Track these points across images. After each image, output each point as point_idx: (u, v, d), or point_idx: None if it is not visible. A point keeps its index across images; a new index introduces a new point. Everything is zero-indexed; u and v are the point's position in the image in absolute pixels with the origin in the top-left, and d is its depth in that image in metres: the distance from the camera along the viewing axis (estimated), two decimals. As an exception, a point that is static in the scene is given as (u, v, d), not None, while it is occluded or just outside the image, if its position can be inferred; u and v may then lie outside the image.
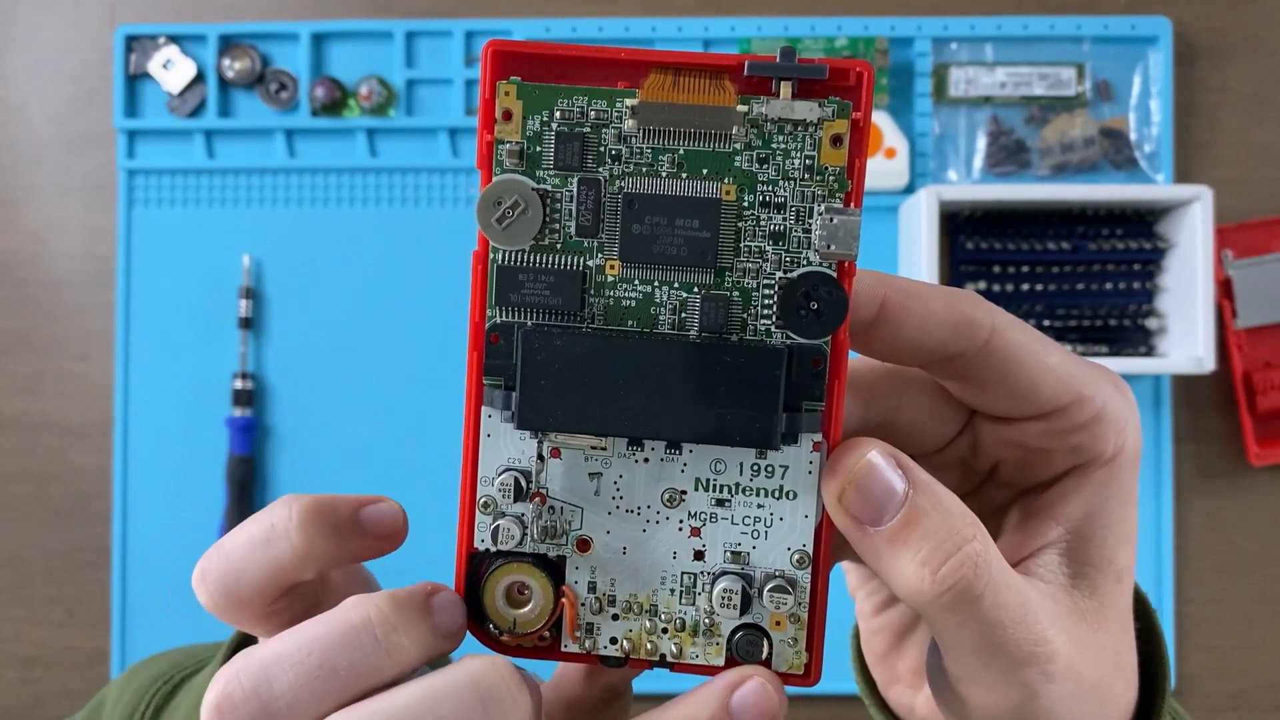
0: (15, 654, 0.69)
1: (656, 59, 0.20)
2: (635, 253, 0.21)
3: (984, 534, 0.20)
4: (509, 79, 0.20)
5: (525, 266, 0.21)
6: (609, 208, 0.21)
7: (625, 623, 0.23)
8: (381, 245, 0.69)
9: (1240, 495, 0.68)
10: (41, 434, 0.69)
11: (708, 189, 0.20)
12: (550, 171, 0.21)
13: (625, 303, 0.21)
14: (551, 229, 0.21)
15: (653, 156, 0.20)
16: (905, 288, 0.22)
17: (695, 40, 0.68)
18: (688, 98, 0.20)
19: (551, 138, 0.20)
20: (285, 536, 0.22)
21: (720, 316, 0.21)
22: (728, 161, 0.20)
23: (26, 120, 0.70)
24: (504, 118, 0.20)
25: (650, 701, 0.24)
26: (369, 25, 0.69)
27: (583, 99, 0.20)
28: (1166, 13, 0.68)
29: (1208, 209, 0.62)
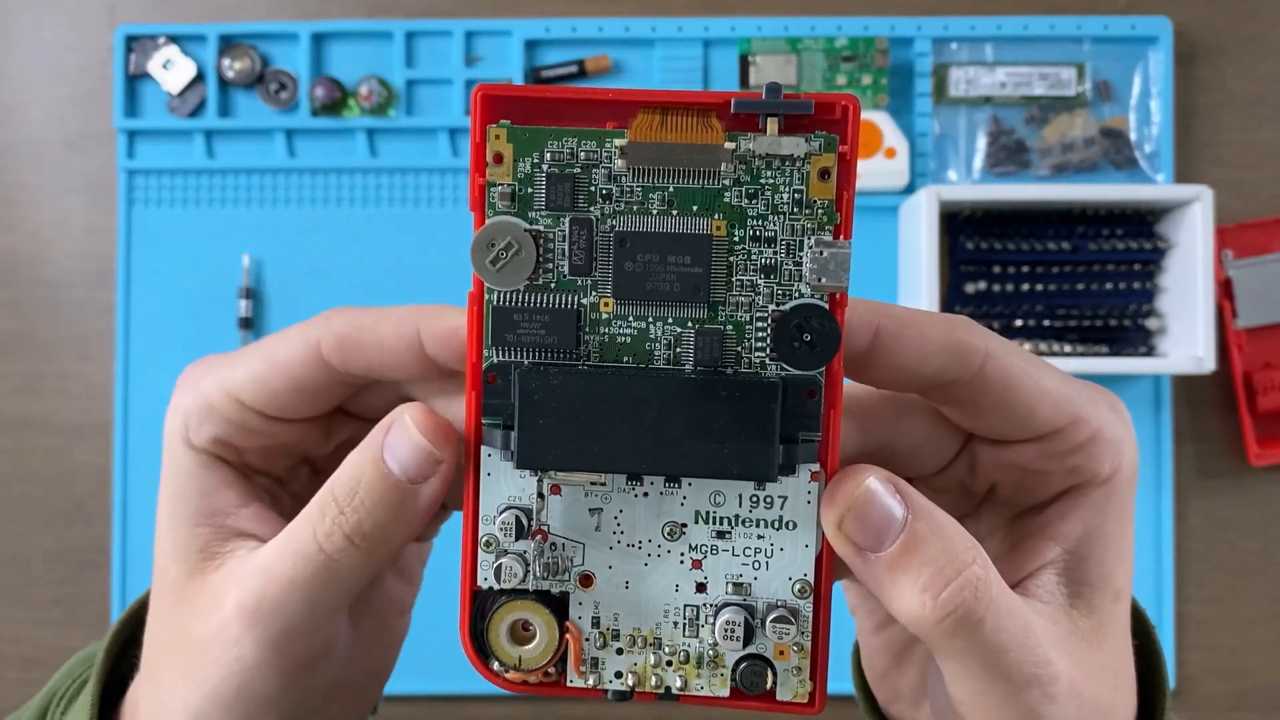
0: (15, 654, 0.69)
1: (644, 99, 0.20)
2: (628, 290, 0.21)
3: (984, 557, 0.21)
4: (499, 123, 0.21)
5: (520, 306, 0.21)
6: (601, 246, 0.21)
7: (630, 656, 0.23)
8: (382, 245, 0.69)
9: (1240, 495, 0.68)
10: (41, 434, 0.69)
11: (698, 225, 0.21)
12: (542, 212, 0.21)
13: (620, 339, 0.21)
14: (545, 268, 0.21)
15: (643, 195, 0.21)
16: (899, 316, 0.22)
17: (695, 40, 0.68)
18: (676, 136, 0.20)
19: (543, 179, 0.21)
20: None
21: (714, 350, 0.21)
22: (717, 197, 0.21)
23: (26, 120, 0.70)
24: (495, 161, 0.21)
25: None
26: (369, 25, 0.69)
27: (572, 140, 0.21)
28: (1167, 13, 0.68)
29: (1208, 209, 0.62)
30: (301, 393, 0.24)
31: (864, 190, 0.67)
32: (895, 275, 0.68)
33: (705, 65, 0.68)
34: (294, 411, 0.24)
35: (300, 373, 0.24)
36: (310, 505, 0.23)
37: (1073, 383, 0.23)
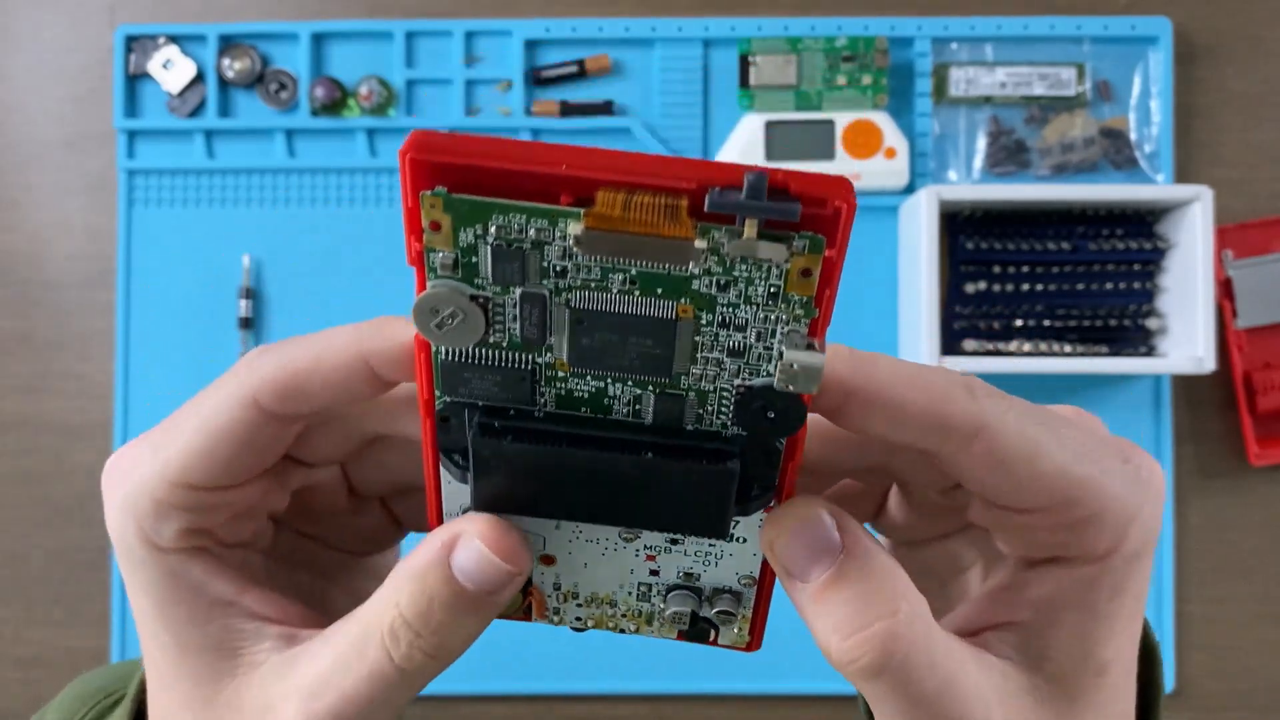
0: (15, 654, 0.69)
1: (603, 177, 0.17)
2: (586, 362, 0.20)
3: (914, 607, 0.20)
4: (433, 190, 0.18)
5: (470, 364, 0.20)
6: (556, 317, 0.19)
7: (588, 609, 0.24)
8: (381, 245, 0.69)
9: (1240, 495, 0.68)
10: (41, 434, 0.69)
11: (662, 308, 0.19)
12: (489, 283, 0.19)
13: (578, 393, 0.20)
14: (495, 330, 0.20)
15: (602, 274, 0.19)
16: (878, 381, 0.20)
17: (695, 40, 0.68)
18: (639, 227, 0.18)
19: (488, 253, 0.18)
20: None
21: (674, 412, 0.20)
22: (684, 284, 0.19)
23: (26, 120, 0.70)
24: (432, 228, 0.18)
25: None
26: (369, 25, 0.69)
27: (520, 216, 0.18)
28: (1166, 13, 0.68)
29: (1208, 209, 0.62)
30: (251, 452, 0.22)
31: (864, 190, 0.67)
32: (895, 275, 0.68)
33: (705, 65, 0.68)
34: (248, 473, 0.23)
35: (244, 434, 0.22)
36: (370, 617, 0.22)
37: (1082, 455, 0.21)
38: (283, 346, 0.22)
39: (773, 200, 0.17)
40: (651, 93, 0.69)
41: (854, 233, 0.70)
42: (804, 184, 0.17)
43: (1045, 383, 0.67)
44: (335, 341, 0.21)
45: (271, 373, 0.21)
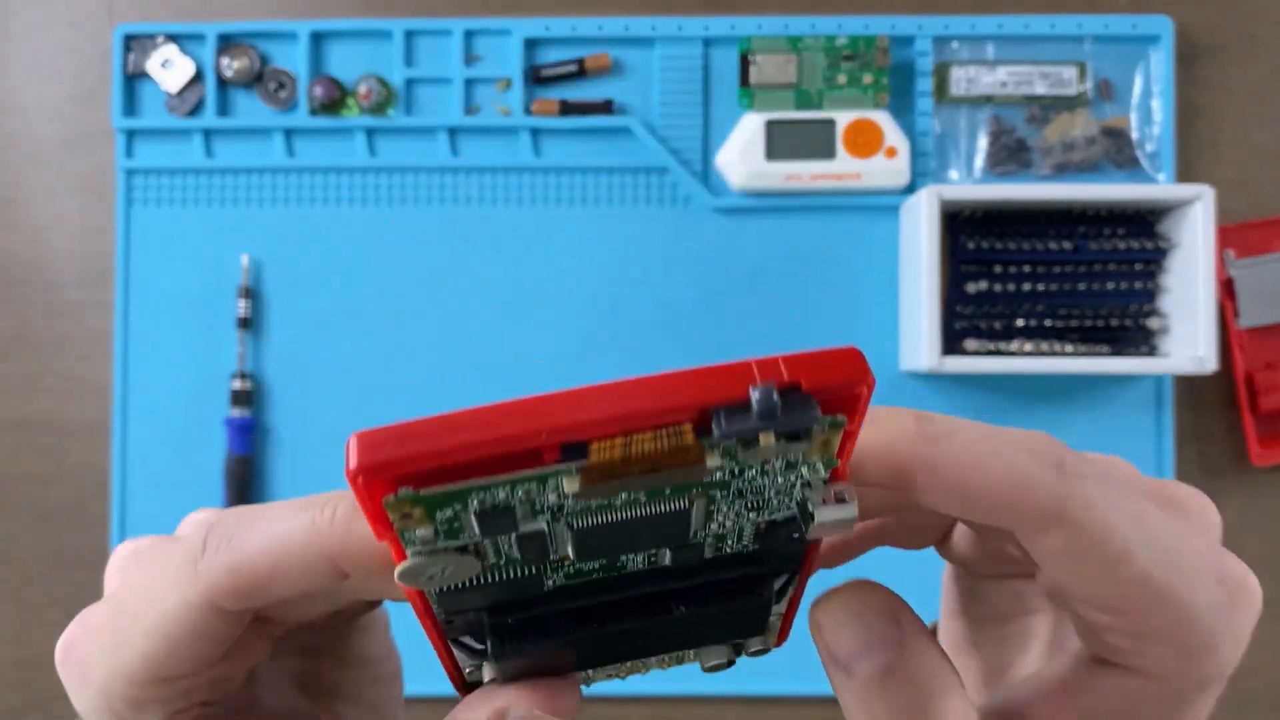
0: (14, 655, 0.69)
1: (592, 432, 0.15)
2: (593, 556, 0.18)
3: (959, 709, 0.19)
4: (397, 495, 0.15)
5: (470, 587, 0.18)
6: (558, 536, 0.17)
7: (618, 670, 0.23)
8: (380, 245, 0.68)
9: (1242, 495, 0.68)
10: (39, 434, 0.69)
11: (672, 505, 0.17)
12: (478, 536, 0.17)
13: (587, 569, 0.19)
14: (492, 559, 0.18)
15: (605, 501, 0.17)
16: (950, 461, 0.18)
17: (695, 39, 0.68)
18: (643, 467, 0.16)
19: (472, 520, 0.16)
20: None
21: (694, 556, 0.19)
22: (695, 484, 0.17)
23: (24, 120, 0.70)
24: (402, 518, 0.16)
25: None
26: (368, 24, 0.69)
27: (504, 488, 0.16)
28: (1168, 12, 0.68)
29: (1209, 208, 0.62)
30: (216, 643, 0.21)
31: (865, 190, 0.67)
32: (896, 275, 0.67)
33: (705, 64, 0.68)
34: (219, 655, 0.21)
35: (204, 631, 0.20)
36: None
37: (1175, 560, 0.18)
38: (235, 538, 0.20)
39: (788, 412, 0.15)
40: (651, 92, 0.68)
41: (854, 233, 0.70)
42: (815, 374, 0.15)
43: (1046, 383, 0.67)
44: (294, 541, 0.19)
45: (226, 577, 0.20)
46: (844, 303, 0.68)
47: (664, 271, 0.68)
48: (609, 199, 0.68)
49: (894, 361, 0.67)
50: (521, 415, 0.15)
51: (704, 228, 0.68)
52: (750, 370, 0.15)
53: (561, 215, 0.68)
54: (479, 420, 0.15)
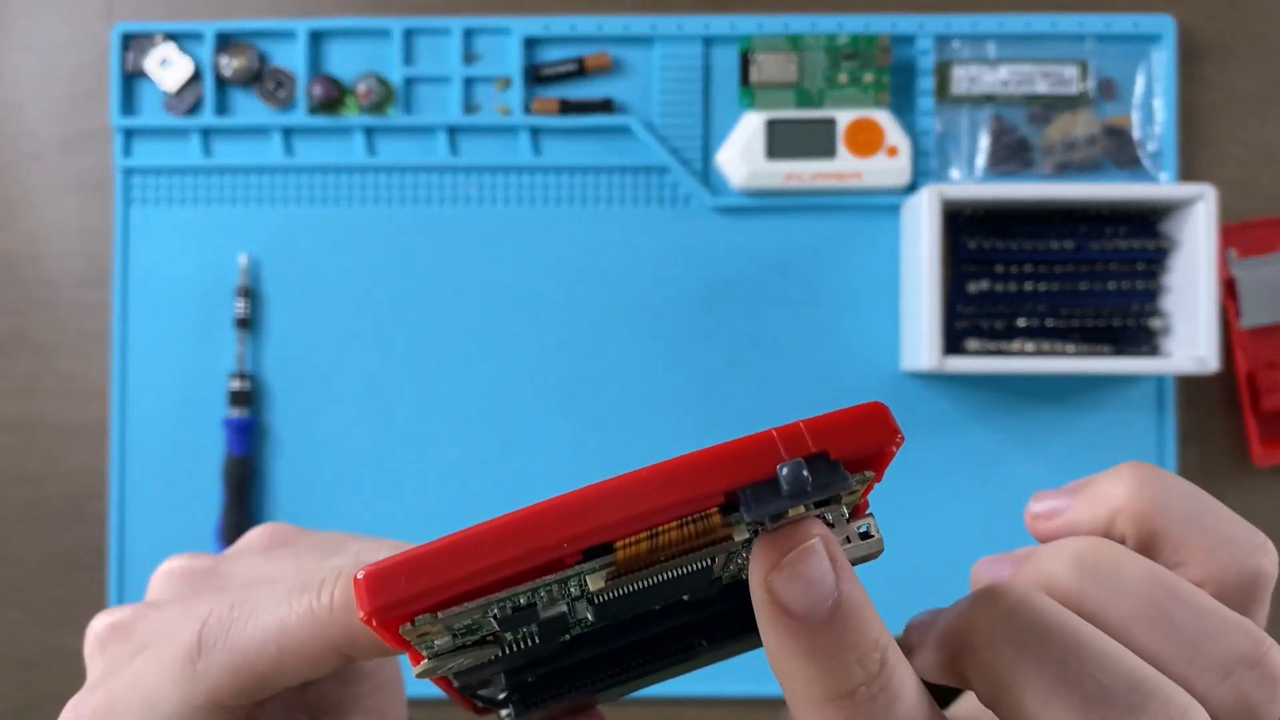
0: (12, 656, 0.68)
1: (619, 533, 0.14)
2: (614, 616, 0.18)
3: (895, 649, 0.17)
4: (414, 622, 0.15)
5: (489, 664, 0.18)
6: (578, 610, 0.17)
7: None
8: (379, 244, 0.68)
9: (1244, 496, 0.68)
10: (37, 435, 0.69)
11: (695, 564, 0.16)
12: (498, 629, 0.16)
13: (607, 618, 0.18)
14: (510, 638, 0.17)
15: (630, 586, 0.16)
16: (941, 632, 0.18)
17: (695, 38, 0.68)
18: (669, 551, 0.15)
19: (493, 623, 0.16)
20: None
21: (712, 591, 0.19)
22: (721, 551, 0.16)
23: (22, 119, 0.70)
24: (420, 638, 0.15)
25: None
26: (367, 23, 0.68)
27: (525, 595, 0.15)
28: (1170, 10, 0.68)
29: (1211, 208, 0.61)
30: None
31: (865, 189, 0.67)
32: (896, 275, 0.67)
33: (706, 62, 0.68)
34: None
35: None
36: None
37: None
38: (232, 634, 0.19)
39: (818, 487, 0.14)
40: (651, 90, 0.68)
41: (855, 233, 0.69)
42: (843, 440, 0.15)
43: (1048, 383, 0.67)
44: (295, 633, 0.19)
45: (227, 677, 0.19)
46: (844, 302, 0.67)
47: (664, 271, 0.68)
48: (609, 198, 0.68)
49: (894, 361, 0.67)
50: (539, 528, 0.14)
51: (704, 227, 0.68)
52: (774, 444, 0.15)
53: (561, 214, 0.68)
54: (493, 541, 0.14)
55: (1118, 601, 0.18)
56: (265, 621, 0.19)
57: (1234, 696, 0.17)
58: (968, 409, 0.67)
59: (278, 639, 0.19)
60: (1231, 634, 0.17)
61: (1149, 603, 0.18)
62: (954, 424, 0.67)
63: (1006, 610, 0.17)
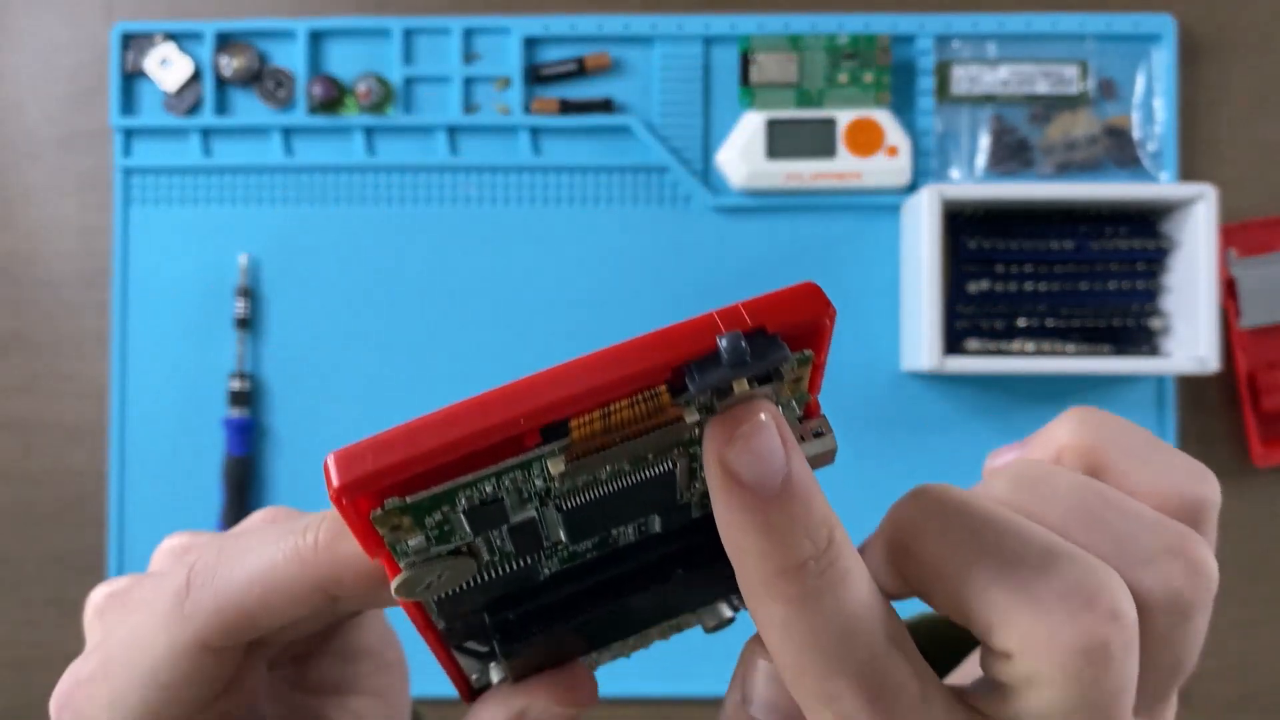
0: (11, 656, 0.68)
1: (573, 409, 0.15)
2: (586, 535, 0.18)
3: (839, 542, 0.17)
4: (384, 507, 0.15)
5: (468, 590, 0.18)
6: (549, 520, 0.17)
7: (621, 648, 0.23)
8: (379, 244, 0.68)
9: (1244, 496, 0.68)
10: (36, 435, 0.69)
11: (657, 467, 0.17)
12: (469, 535, 0.17)
13: (581, 549, 0.19)
14: (487, 556, 0.18)
15: (590, 476, 0.17)
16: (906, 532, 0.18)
17: (695, 38, 0.68)
18: (624, 432, 0.16)
19: (462, 519, 0.16)
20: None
21: (682, 516, 0.19)
22: (675, 443, 0.17)
23: (22, 118, 0.70)
24: (392, 530, 0.16)
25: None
26: (367, 23, 0.68)
27: (490, 481, 0.16)
28: (1170, 10, 0.68)
29: (1212, 208, 0.61)
30: (213, 682, 0.21)
31: (866, 189, 0.67)
32: (897, 275, 0.67)
33: (706, 62, 0.68)
34: (217, 691, 0.21)
35: (199, 674, 0.20)
36: None
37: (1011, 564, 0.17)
38: (219, 575, 0.20)
39: (757, 357, 0.15)
40: (651, 90, 0.68)
41: (855, 232, 0.69)
42: (778, 315, 0.16)
43: (1048, 383, 0.67)
44: (280, 572, 0.19)
45: (214, 617, 0.19)
46: (845, 302, 0.67)
47: (664, 270, 0.68)
48: (609, 198, 0.68)
49: (895, 361, 0.67)
50: (497, 406, 0.15)
51: (704, 227, 0.68)
52: (714, 322, 0.15)
53: (561, 214, 0.68)
54: (456, 418, 0.15)
55: (1049, 507, 0.19)
56: (252, 562, 0.20)
57: (1160, 583, 0.17)
58: (968, 409, 0.67)
59: (264, 578, 0.19)
60: (1157, 528, 0.18)
61: (1078, 506, 0.19)
62: (954, 424, 0.67)
63: (927, 499, 0.18)
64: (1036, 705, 0.17)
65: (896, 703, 0.16)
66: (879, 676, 0.16)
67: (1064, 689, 0.16)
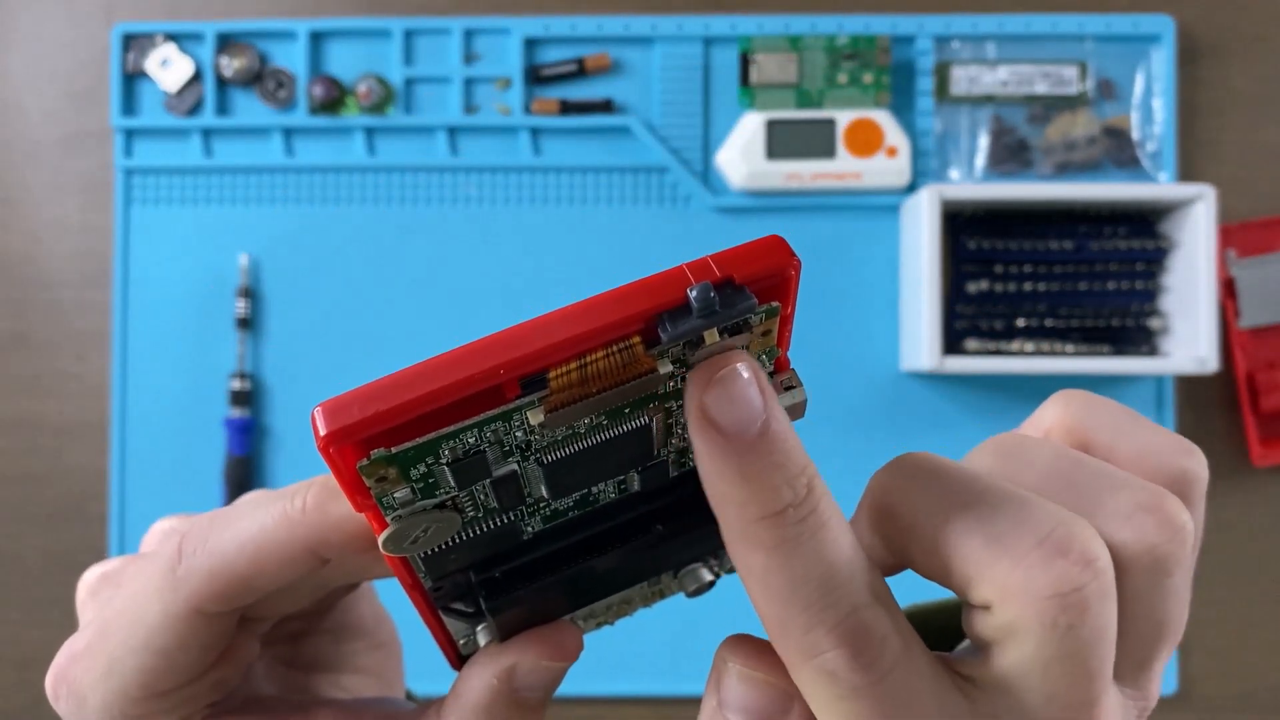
0: (12, 656, 0.68)
1: (550, 359, 0.15)
2: (567, 491, 0.19)
3: (818, 478, 0.17)
4: (370, 458, 0.16)
5: (453, 546, 0.19)
6: (530, 475, 0.18)
7: (606, 615, 0.24)
8: (380, 244, 0.68)
9: (1243, 496, 0.68)
10: (38, 434, 0.69)
11: (634, 421, 0.18)
12: (454, 489, 0.17)
13: (563, 508, 0.20)
14: (470, 512, 0.18)
15: (569, 429, 0.17)
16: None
17: (695, 38, 0.68)
18: (600, 384, 0.16)
19: (446, 471, 0.17)
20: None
21: (659, 473, 0.20)
22: (650, 397, 0.17)
23: (23, 119, 0.70)
24: (378, 482, 0.16)
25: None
26: (367, 23, 0.68)
27: (472, 432, 0.16)
28: (1169, 11, 0.68)
29: (1211, 208, 0.61)
30: (208, 650, 0.21)
31: (865, 190, 0.67)
32: (897, 275, 0.67)
33: (706, 63, 0.68)
34: (212, 660, 0.21)
35: (194, 640, 0.20)
36: None
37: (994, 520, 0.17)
38: (210, 541, 0.20)
39: (725, 306, 0.16)
40: (651, 91, 0.68)
41: (855, 233, 0.70)
42: (745, 266, 0.16)
43: (1047, 383, 0.67)
44: (270, 535, 0.20)
45: (206, 581, 0.20)
46: (844, 302, 0.68)
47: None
48: (609, 198, 0.68)
49: (895, 361, 0.67)
50: (477, 357, 0.15)
51: (704, 227, 0.68)
52: (684, 274, 0.16)
53: (561, 215, 0.68)
54: (439, 368, 0.15)
55: (1027, 472, 0.19)
56: (243, 526, 0.20)
57: (1135, 537, 0.18)
58: (968, 409, 0.67)
59: (254, 540, 0.20)
60: (1132, 487, 0.18)
61: (1055, 470, 0.19)
62: (954, 424, 0.67)
63: (907, 463, 0.19)
64: (1016, 659, 0.17)
65: (880, 657, 0.16)
66: (861, 629, 0.16)
67: (1041, 638, 0.16)
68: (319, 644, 0.27)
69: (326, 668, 0.26)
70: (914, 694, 0.17)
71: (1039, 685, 0.17)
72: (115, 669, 0.21)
